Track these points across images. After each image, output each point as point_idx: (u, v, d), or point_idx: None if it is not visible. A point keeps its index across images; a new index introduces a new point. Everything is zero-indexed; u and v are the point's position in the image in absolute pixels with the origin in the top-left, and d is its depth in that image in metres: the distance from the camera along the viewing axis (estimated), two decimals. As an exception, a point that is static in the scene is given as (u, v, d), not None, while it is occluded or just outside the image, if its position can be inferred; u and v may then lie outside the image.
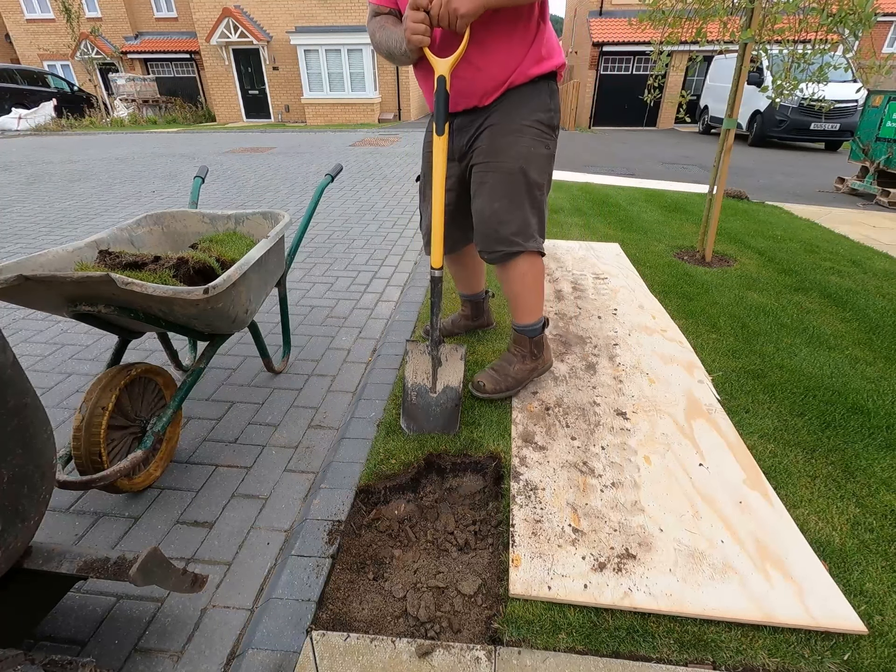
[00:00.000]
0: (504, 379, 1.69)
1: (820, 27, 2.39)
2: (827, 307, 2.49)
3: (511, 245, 1.51)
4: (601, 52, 15.86)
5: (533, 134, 1.45)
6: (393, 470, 1.40)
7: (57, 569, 0.89)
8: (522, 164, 1.45)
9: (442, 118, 1.39)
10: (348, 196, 5.27)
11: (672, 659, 0.95)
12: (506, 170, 1.46)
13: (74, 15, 15.13)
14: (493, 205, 1.49)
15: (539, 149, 1.47)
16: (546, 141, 1.48)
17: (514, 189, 1.47)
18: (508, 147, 1.44)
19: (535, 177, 1.48)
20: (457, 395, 1.58)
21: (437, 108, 1.39)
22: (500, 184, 1.47)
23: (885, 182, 5.26)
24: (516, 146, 1.44)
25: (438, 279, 1.53)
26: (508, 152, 1.45)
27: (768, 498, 1.31)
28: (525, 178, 1.47)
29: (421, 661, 0.96)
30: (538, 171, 1.48)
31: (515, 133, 1.44)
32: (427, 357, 1.61)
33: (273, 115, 17.81)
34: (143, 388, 1.41)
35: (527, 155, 1.45)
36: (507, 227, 1.50)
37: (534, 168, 1.47)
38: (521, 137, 1.44)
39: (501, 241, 1.51)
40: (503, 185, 1.47)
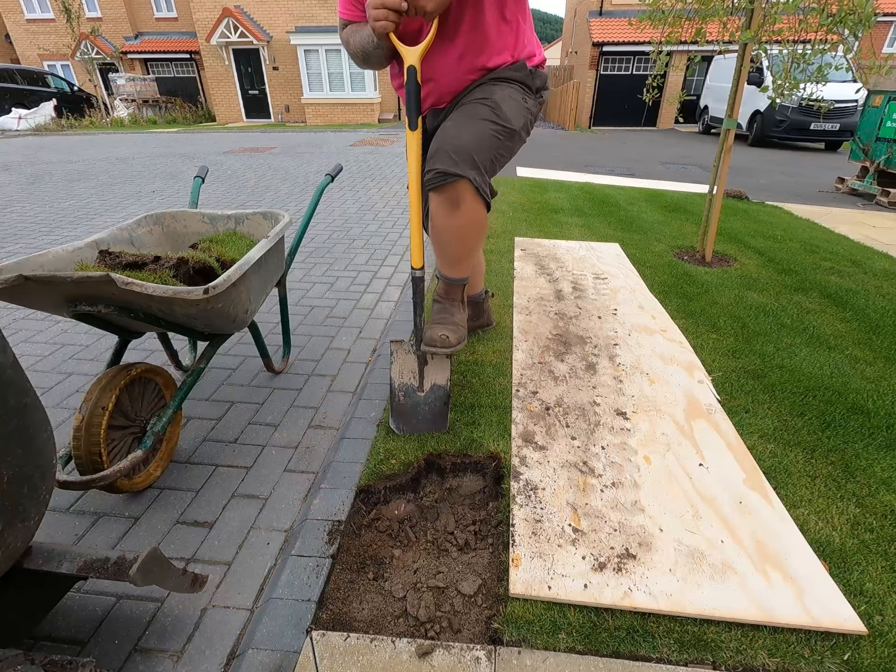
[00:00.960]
0: (458, 329, 1.56)
1: (820, 27, 2.39)
2: (827, 307, 2.49)
3: (451, 165, 1.30)
4: (601, 52, 15.85)
5: (514, 85, 1.42)
6: (393, 470, 1.40)
7: (57, 569, 0.89)
8: (497, 97, 1.37)
9: (414, 111, 1.32)
10: (348, 196, 5.27)
11: (672, 659, 0.95)
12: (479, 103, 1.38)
13: (74, 15, 15.13)
14: (453, 130, 1.35)
15: (516, 97, 1.41)
16: (524, 94, 1.44)
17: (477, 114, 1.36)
18: (488, 89, 1.40)
19: (508, 113, 1.37)
20: (445, 394, 1.57)
21: (408, 101, 1.32)
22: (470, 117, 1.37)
23: (885, 182, 5.26)
24: (494, 88, 1.40)
25: (420, 279, 1.49)
26: (484, 93, 1.39)
27: (768, 498, 1.31)
28: (496, 108, 1.36)
29: (421, 661, 0.96)
30: (513, 112, 1.39)
31: (492, 83, 1.41)
32: (412, 357, 1.58)
33: (273, 115, 17.81)
34: (143, 388, 1.41)
35: (502, 95, 1.38)
36: (454, 146, 1.31)
37: (508, 106, 1.38)
38: (501, 84, 1.41)
39: (443, 159, 1.31)
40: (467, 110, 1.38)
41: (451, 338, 1.53)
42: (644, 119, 16.49)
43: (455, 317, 1.62)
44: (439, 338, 1.51)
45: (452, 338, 1.53)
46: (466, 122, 1.35)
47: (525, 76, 1.45)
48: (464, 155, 1.31)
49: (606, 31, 15.78)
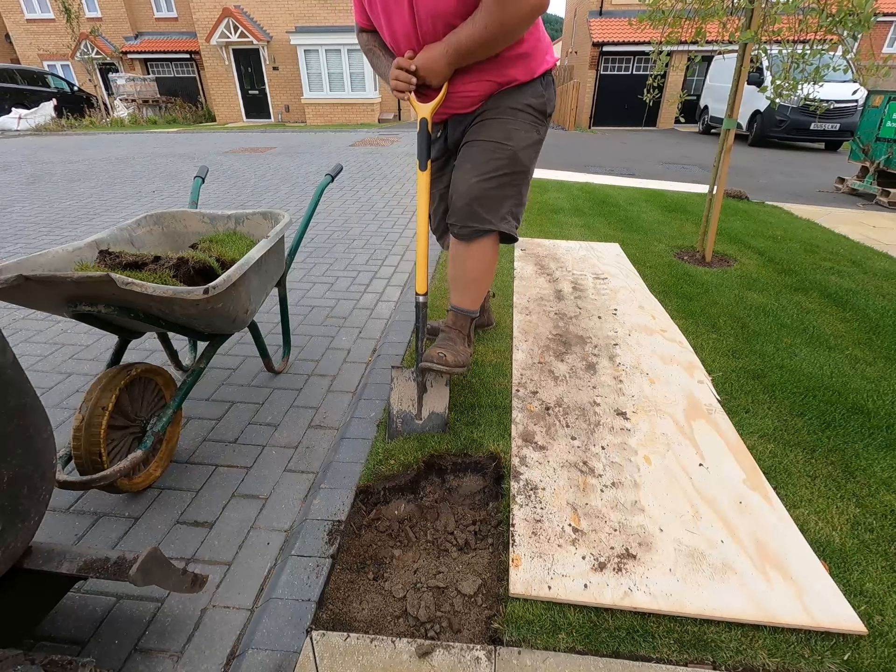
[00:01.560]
0: (456, 355, 1.57)
1: (819, 28, 2.39)
2: (827, 307, 2.49)
3: (483, 223, 1.48)
4: (601, 52, 15.85)
5: (524, 118, 1.44)
6: (392, 471, 1.40)
7: (57, 569, 0.89)
8: (514, 145, 1.43)
9: (424, 155, 1.45)
10: (348, 196, 5.27)
11: (672, 659, 0.95)
12: (492, 149, 1.44)
13: (74, 15, 15.13)
14: (472, 179, 1.45)
15: (530, 133, 1.46)
16: (537, 126, 1.47)
17: (498, 168, 1.44)
18: (499, 127, 1.43)
19: (523, 159, 1.46)
20: (443, 422, 1.55)
21: (419, 146, 1.45)
22: (484, 161, 1.44)
23: (885, 182, 5.26)
24: (506, 128, 1.43)
25: (423, 304, 1.53)
26: (498, 131, 1.43)
27: (768, 498, 1.31)
28: (512, 158, 1.44)
29: (421, 661, 0.96)
30: (526, 154, 1.46)
31: (506, 115, 1.43)
32: (412, 384, 1.57)
33: (273, 115, 17.81)
34: (143, 388, 1.41)
35: (517, 138, 1.44)
36: (484, 204, 1.46)
37: (522, 150, 1.45)
38: (513, 120, 1.43)
39: (474, 217, 1.47)
40: (487, 163, 1.44)
41: (448, 357, 1.53)
42: (644, 119, 16.49)
43: (457, 346, 1.62)
44: (437, 355, 1.52)
45: (450, 358, 1.53)
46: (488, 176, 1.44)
47: (542, 103, 1.45)
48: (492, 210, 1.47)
49: (606, 31, 15.78)
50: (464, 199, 1.47)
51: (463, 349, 1.62)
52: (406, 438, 1.52)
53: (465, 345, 1.65)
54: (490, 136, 1.44)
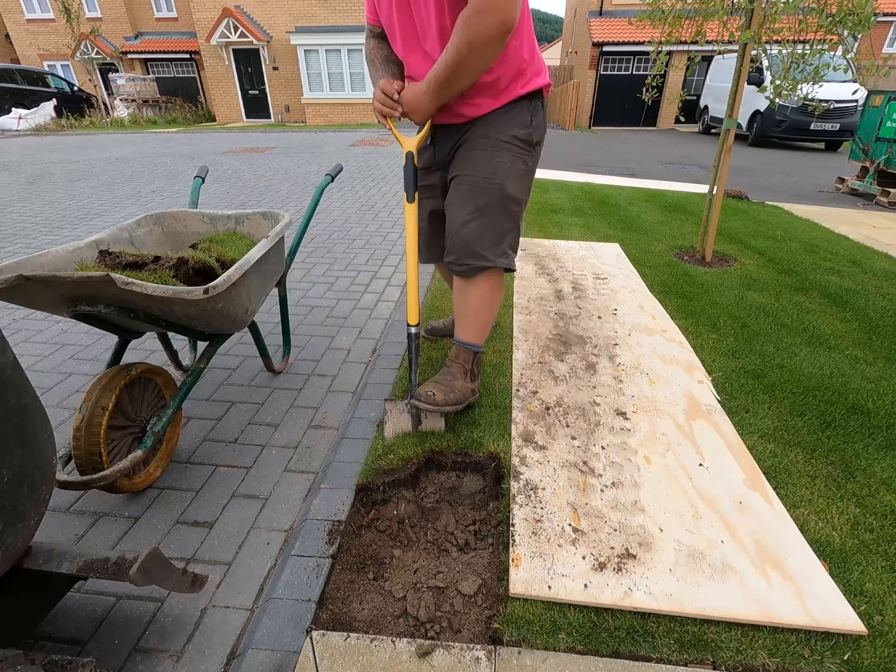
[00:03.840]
0: (451, 391, 1.55)
1: (819, 28, 2.39)
2: (827, 307, 2.49)
3: (481, 260, 1.47)
4: (601, 52, 15.86)
5: (511, 150, 1.42)
6: (392, 465, 1.40)
7: (57, 569, 0.89)
8: (499, 179, 1.42)
9: (412, 188, 1.49)
10: (348, 196, 5.27)
11: (672, 659, 0.95)
12: (482, 184, 1.42)
13: (74, 15, 15.12)
14: (466, 217, 1.45)
15: (516, 164, 1.43)
16: (524, 157, 1.44)
17: (489, 203, 1.43)
18: (486, 161, 1.41)
19: (512, 191, 1.44)
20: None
21: (406, 180, 1.49)
22: (475, 197, 1.43)
23: (885, 182, 5.26)
24: (493, 161, 1.41)
25: (416, 335, 1.52)
26: (487, 166, 1.41)
27: (768, 498, 1.31)
28: (501, 192, 1.43)
29: (421, 661, 0.96)
30: (515, 186, 1.44)
31: (494, 148, 1.41)
32: (406, 416, 1.55)
33: (273, 115, 17.80)
34: (143, 388, 1.41)
35: (504, 171, 1.42)
36: (479, 241, 1.45)
37: (511, 183, 1.43)
38: (500, 153, 1.41)
39: (472, 255, 1.47)
40: (479, 199, 1.43)
41: (436, 396, 1.50)
42: (644, 119, 16.49)
43: (455, 382, 1.58)
44: (425, 394, 1.50)
45: (439, 396, 1.50)
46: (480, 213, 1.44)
47: (528, 133, 1.42)
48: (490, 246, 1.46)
49: (606, 30, 15.78)
50: (460, 237, 1.46)
51: (461, 385, 1.59)
52: (406, 435, 1.52)
53: (467, 379, 1.61)
54: (476, 171, 1.42)
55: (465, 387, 1.60)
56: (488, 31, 1.14)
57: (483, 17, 1.13)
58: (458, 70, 1.24)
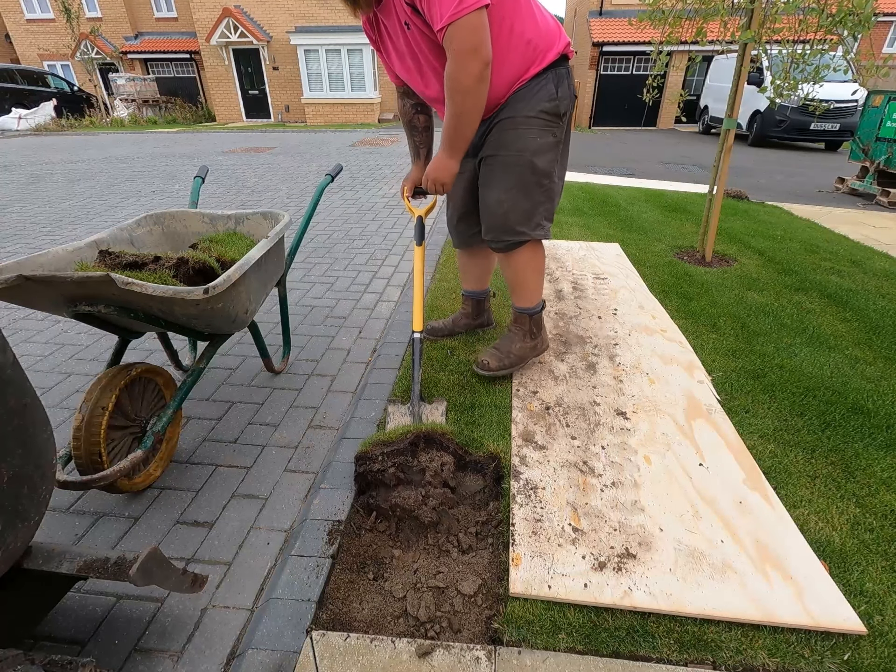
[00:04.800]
0: (507, 356, 1.76)
1: (819, 28, 2.39)
2: (827, 307, 2.49)
3: (518, 235, 1.58)
4: (601, 52, 15.84)
5: (539, 124, 1.48)
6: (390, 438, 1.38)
7: (57, 569, 0.89)
8: (529, 155, 1.49)
9: (420, 237, 1.76)
10: (348, 196, 5.27)
11: (672, 659, 0.95)
12: (513, 161, 1.50)
13: (74, 15, 15.10)
14: (500, 195, 1.54)
15: (546, 138, 1.50)
16: (552, 129, 1.51)
17: (521, 180, 1.52)
18: (516, 139, 1.49)
19: (543, 165, 1.51)
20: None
21: (416, 231, 1.77)
22: (507, 175, 1.52)
23: (885, 182, 5.26)
24: (523, 138, 1.48)
25: (420, 340, 1.68)
26: (516, 144, 1.49)
27: (768, 498, 1.31)
28: (532, 169, 1.51)
29: (421, 661, 0.96)
30: (546, 160, 1.52)
31: (522, 126, 1.48)
32: (408, 419, 1.58)
33: (273, 115, 17.79)
34: (143, 388, 1.41)
35: (533, 147, 1.49)
36: (514, 217, 1.55)
37: (541, 157, 1.50)
38: (528, 129, 1.48)
39: (508, 232, 1.58)
40: (511, 177, 1.52)
41: (490, 363, 1.75)
42: (644, 119, 16.48)
43: (512, 345, 1.79)
44: (480, 362, 1.76)
45: (493, 363, 1.74)
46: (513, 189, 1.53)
47: (554, 106, 1.47)
48: (525, 221, 1.56)
49: (606, 31, 15.77)
50: (495, 215, 1.58)
51: (519, 347, 1.79)
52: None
53: (526, 340, 1.80)
54: (507, 149, 1.51)
55: (524, 347, 1.80)
56: (471, 73, 1.29)
57: (460, 64, 1.27)
58: (462, 117, 1.38)
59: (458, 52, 1.27)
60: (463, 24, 1.22)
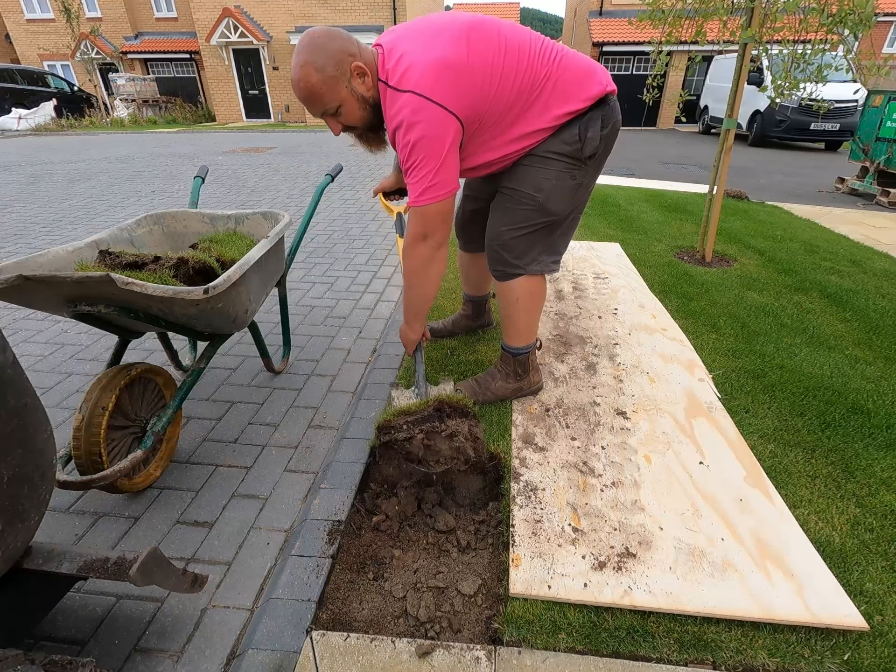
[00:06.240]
0: (483, 392, 1.68)
1: (820, 27, 2.39)
2: (827, 307, 2.49)
3: (512, 268, 1.52)
4: (601, 52, 15.85)
5: (556, 166, 1.38)
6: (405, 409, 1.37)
7: (57, 569, 0.89)
8: (542, 197, 1.40)
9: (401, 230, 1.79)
10: (348, 196, 5.27)
11: (672, 659, 0.95)
12: (521, 199, 1.43)
13: (74, 15, 15.10)
14: (503, 228, 1.48)
15: (563, 180, 1.40)
16: (572, 171, 1.39)
17: (528, 219, 1.44)
18: (531, 177, 1.40)
19: (555, 208, 1.43)
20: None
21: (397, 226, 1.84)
22: (515, 212, 1.45)
23: (885, 182, 5.26)
24: (537, 177, 1.40)
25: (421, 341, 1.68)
26: (529, 182, 1.41)
27: (769, 495, 1.31)
28: (543, 211, 1.43)
29: (421, 661, 0.96)
30: (559, 202, 1.42)
31: (538, 163, 1.39)
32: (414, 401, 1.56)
33: (273, 115, 17.79)
34: (143, 388, 1.41)
35: (548, 188, 1.40)
36: (510, 251, 1.49)
37: (554, 200, 1.42)
38: (545, 168, 1.38)
39: (502, 262, 1.53)
40: (518, 214, 1.45)
41: (464, 394, 1.63)
42: (644, 119, 16.48)
43: (492, 383, 1.70)
44: (456, 389, 1.67)
45: (465, 394, 1.63)
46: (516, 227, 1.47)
47: (576, 149, 1.35)
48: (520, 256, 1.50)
49: (606, 31, 15.77)
50: (492, 244, 1.53)
51: (499, 385, 1.69)
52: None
53: (508, 380, 1.69)
54: (521, 185, 1.42)
55: (504, 387, 1.69)
56: (418, 255, 1.35)
57: (411, 245, 1.34)
58: (410, 291, 1.47)
59: (410, 234, 1.33)
60: (420, 211, 1.27)
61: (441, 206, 1.27)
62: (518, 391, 1.71)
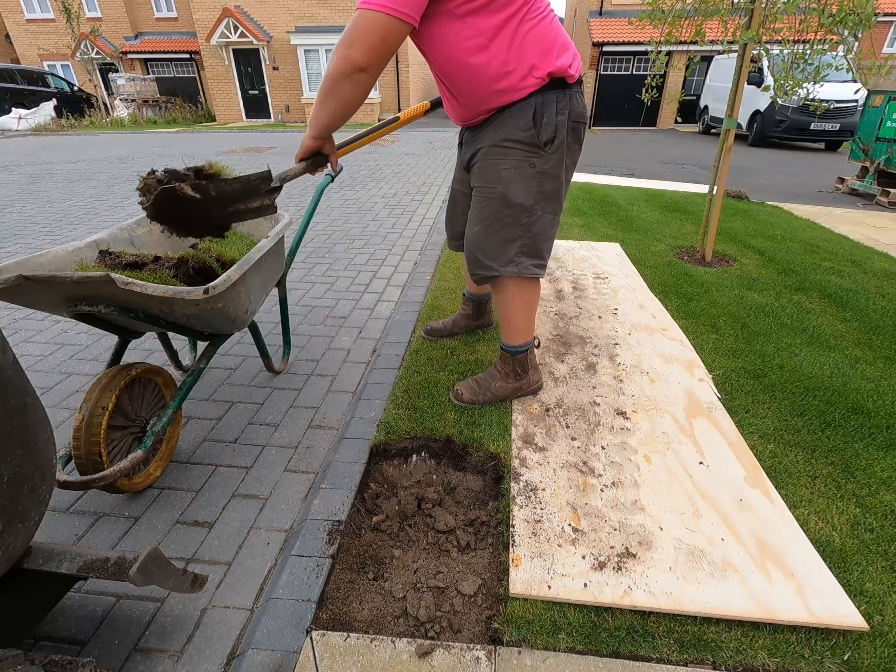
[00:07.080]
0: (483, 393, 1.69)
1: (820, 27, 2.39)
2: (827, 307, 2.49)
3: (487, 270, 1.51)
4: (601, 52, 15.84)
5: (513, 154, 1.36)
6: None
7: (57, 569, 0.89)
8: (501, 188, 1.39)
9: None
10: (348, 196, 5.27)
11: (672, 659, 0.95)
12: (485, 194, 1.44)
13: (74, 15, 15.10)
14: (472, 227, 1.50)
15: (522, 168, 1.37)
16: (531, 159, 1.36)
17: (492, 214, 1.44)
18: (490, 170, 1.41)
19: (518, 199, 1.39)
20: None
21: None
22: (482, 208, 1.46)
23: (885, 182, 5.26)
24: (495, 169, 1.40)
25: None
26: (489, 176, 1.41)
27: (769, 495, 1.31)
28: (505, 202, 1.40)
29: (421, 661, 0.96)
30: (520, 192, 1.39)
31: (497, 155, 1.39)
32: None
33: (273, 115, 17.79)
34: (143, 388, 1.41)
35: (507, 177, 1.38)
36: (485, 252, 1.49)
37: (514, 190, 1.39)
38: (501, 159, 1.38)
39: (477, 265, 1.53)
40: (484, 210, 1.45)
41: (464, 395, 1.69)
42: (644, 119, 16.47)
43: (492, 383, 1.70)
44: (456, 390, 1.72)
45: (466, 396, 1.68)
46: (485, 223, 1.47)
47: (530, 136, 1.33)
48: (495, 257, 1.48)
49: (606, 31, 15.76)
50: (469, 247, 1.54)
51: (499, 385, 1.69)
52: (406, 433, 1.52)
53: (507, 381, 1.69)
54: (483, 181, 1.44)
55: (504, 387, 1.69)
56: (338, 62, 1.19)
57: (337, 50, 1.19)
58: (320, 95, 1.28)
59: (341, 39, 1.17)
60: (360, 15, 1.12)
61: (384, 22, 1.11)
62: (518, 391, 1.71)
